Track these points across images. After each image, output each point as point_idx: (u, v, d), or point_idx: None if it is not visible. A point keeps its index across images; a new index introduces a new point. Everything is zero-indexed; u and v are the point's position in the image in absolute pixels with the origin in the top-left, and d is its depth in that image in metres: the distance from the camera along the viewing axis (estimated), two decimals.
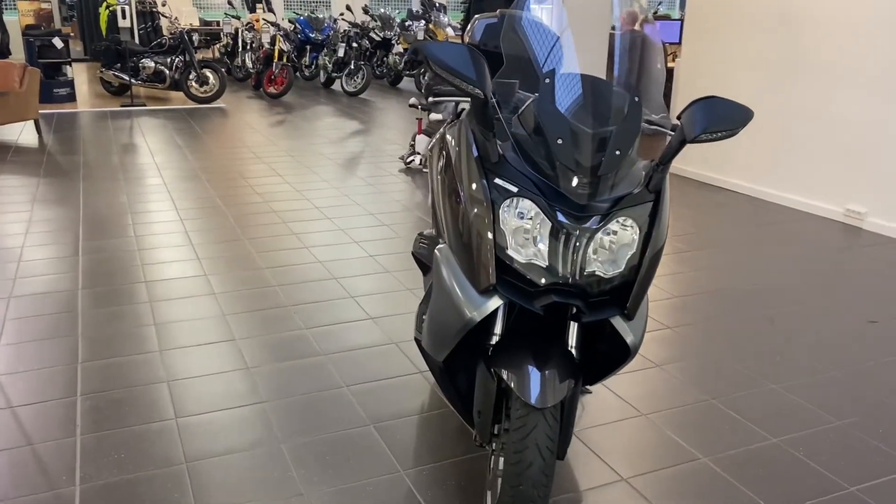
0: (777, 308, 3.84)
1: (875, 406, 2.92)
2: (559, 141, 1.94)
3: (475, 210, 1.99)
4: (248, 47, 12.38)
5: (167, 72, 10.33)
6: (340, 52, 11.73)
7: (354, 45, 11.86)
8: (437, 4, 14.52)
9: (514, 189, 1.97)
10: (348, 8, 12.91)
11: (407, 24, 13.64)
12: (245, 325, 3.49)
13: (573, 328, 2.08)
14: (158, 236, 4.74)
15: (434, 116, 6.73)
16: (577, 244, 1.92)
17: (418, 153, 6.73)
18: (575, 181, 1.92)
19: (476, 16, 3.48)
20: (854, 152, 5.33)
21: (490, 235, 1.94)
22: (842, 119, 5.37)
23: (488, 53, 3.33)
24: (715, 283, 4.16)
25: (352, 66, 11.58)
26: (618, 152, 1.95)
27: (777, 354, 3.33)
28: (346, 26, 13.05)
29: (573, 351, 2.07)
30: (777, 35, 5.78)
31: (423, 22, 13.14)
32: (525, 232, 1.95)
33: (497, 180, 2.00)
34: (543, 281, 1.92)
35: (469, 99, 2.45)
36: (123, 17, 10.06)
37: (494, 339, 2.10)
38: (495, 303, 1.96)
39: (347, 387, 2.95)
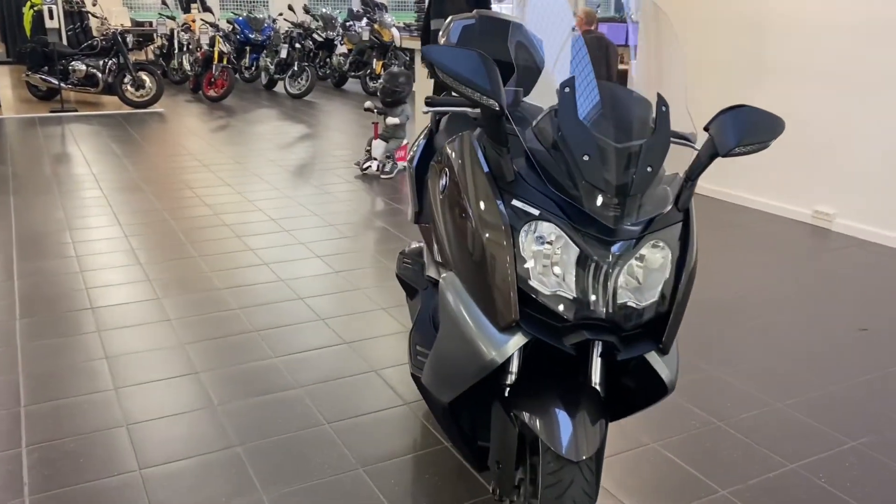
0: (762, 317, 3.72)
1: (886, 423, 2.79)
2: (585, 157, 1.72)
3: (490, 236, 1.76)
4: (185, 49, 11.88)
5: (100, 75, 9.80)
6: (283, 53, 11.35)
7: (297, 45, 11.48)
8: (379, 4, 14.22)
9: (535, 212, 1.75)
10: (290, 8, 12.51)
11: (348, 24, 13.31)
12: (207, 355, 3.18)
13: (597, 363, 1.86)
14: (102, 255, 4.37)
15: (391, 120, 6.51)
16: (609, 272, 1.71)
17: (375, 159, 6.46)
18: (603, 201, 1.71)
19: (451, 17, 3.26)
20: (820, 153, 5.28)
21: (510, 265, 1.72)
22: (807, 120, 5.32)
23: None
24: (695, 292, 4.03)
25: (295, 68, 11.21)
26: (649, 169, 1.75)
27: (775, 369, 3.19)
28: (288, 26, 12.65)
29: (598, 388, 1.86)
30: (737, 37, 5.70)
31: (367, 21, 12.84)
32: (545, 258, 1.74)
33: (515, 202, 1.77)
34: (573, 315, 1.70)
35: (467, 108, 2.22)
36: (51, 17, 9.48)
37: (511, 378, 1.87)
38: (519, 341, 1.73)
39: (329, 424, 2.69)
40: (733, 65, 5.77)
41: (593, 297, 1.71)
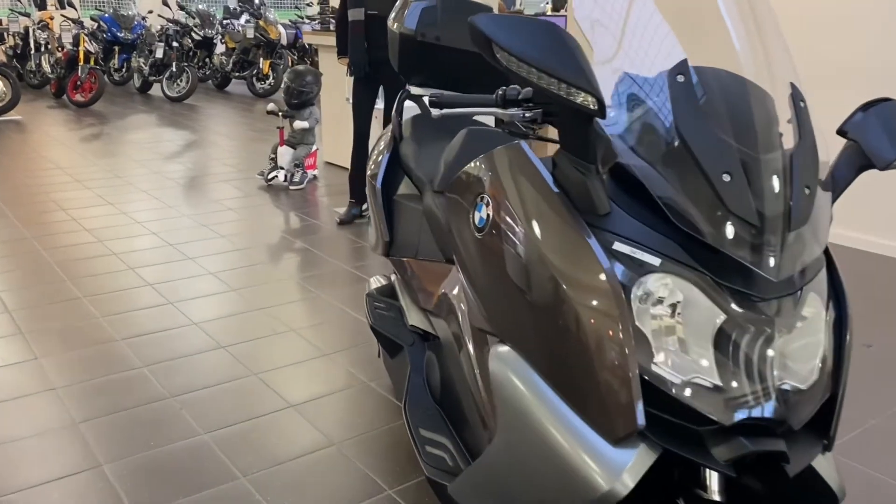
0: None
1: None
2: (726, 177, 1.17)
3: (585, 300, 1.18)
4: (44, 49, 10.60)
5: None
6: (159, 53, 10.29)
7: (175, 44, 10.45)
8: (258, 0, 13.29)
9: (654, 260, 1.18)
10: (165, 3, 11.42)
11: (225, 22, 12.33)
12: (112, 437, 2.43)
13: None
14: None
15: (298, 124, 5.79)
16: (767, 344, 1.16)
17: (281, 168, 5.72)
18: (750, 240, 1.17)
19: None
20: None
21: (626, 344, 1.14)
22: None
23: (428, 47, 2.51)
24: None
25: (173, 69, 10.19)
26: (807, 190, 1.22)
27: None
28: (163, 23, 11.56)
29: (717, 497, 1.31)
30: (676, 28, 5.35)
31: (248, 19, 11.92)
32: (655, 320, 1.18)
33: (617, 245, 1.20)
34: (726, 415, 1.14)
35: (496, 108, 1.63)
36: None
37: None
38: (645, 460, 1.16)
39: None
40: None
41: (750, 385, 1.16)
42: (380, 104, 4.72)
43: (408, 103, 2.50)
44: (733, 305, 1.16)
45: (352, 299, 3.60)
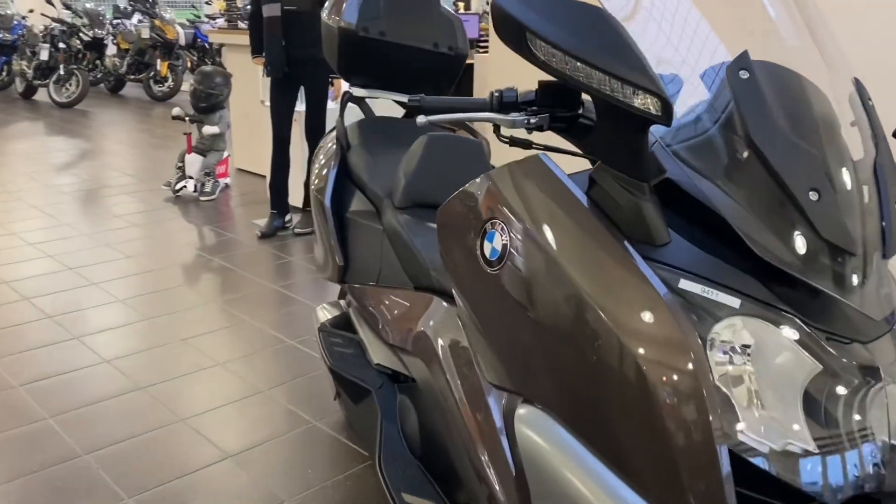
0: None
1: None
2: (813, 195, 0.95)
3: (647, 351, 0.94)
4: None
5: None
6: (44, 55, 9.53)
7: (62, 45, 9.70)
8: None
9: (735, 301, 0.95)
10: (49, 1, 10.59)
11: (116, 21, 11.58)
12: None
13: None
14: None
15: (208, 130, 5.37)
16: (872, 397, 0.96)
17: (190, 177, 5.28)
18: (840, 271, 0.96)
19: None
20: None
21: (708, 410, 0.91)
22: None
23: (371, 44, 2.24)
24: None
25: (61, 72, 9.45)
26: None
27: None
28: (48, 23, 10.73)
29: None
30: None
31: (140, 18, 11.21)
32: (739, 377, 0.95)
33: (685, 283, 0.97)
34: (837, 496, 0.92)
35: (494, 113, 1.36)
36: None
37: None
38: None
39: None
40: None
41: (852, 451, 0.94)
42: (300, 107, 4.38)
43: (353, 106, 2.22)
44: (828, 351, 0.94)
45: (283, 323, 3.27)
